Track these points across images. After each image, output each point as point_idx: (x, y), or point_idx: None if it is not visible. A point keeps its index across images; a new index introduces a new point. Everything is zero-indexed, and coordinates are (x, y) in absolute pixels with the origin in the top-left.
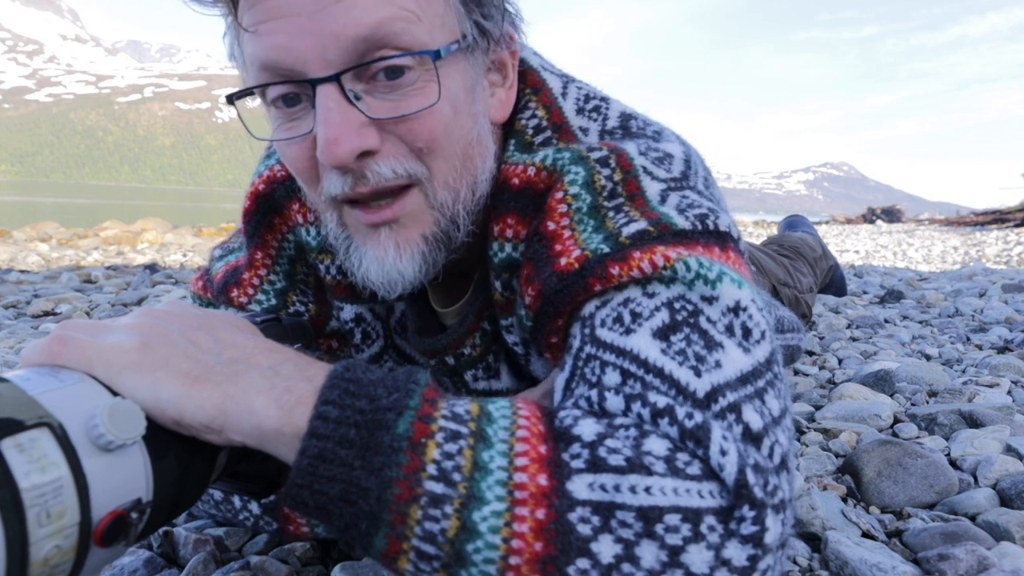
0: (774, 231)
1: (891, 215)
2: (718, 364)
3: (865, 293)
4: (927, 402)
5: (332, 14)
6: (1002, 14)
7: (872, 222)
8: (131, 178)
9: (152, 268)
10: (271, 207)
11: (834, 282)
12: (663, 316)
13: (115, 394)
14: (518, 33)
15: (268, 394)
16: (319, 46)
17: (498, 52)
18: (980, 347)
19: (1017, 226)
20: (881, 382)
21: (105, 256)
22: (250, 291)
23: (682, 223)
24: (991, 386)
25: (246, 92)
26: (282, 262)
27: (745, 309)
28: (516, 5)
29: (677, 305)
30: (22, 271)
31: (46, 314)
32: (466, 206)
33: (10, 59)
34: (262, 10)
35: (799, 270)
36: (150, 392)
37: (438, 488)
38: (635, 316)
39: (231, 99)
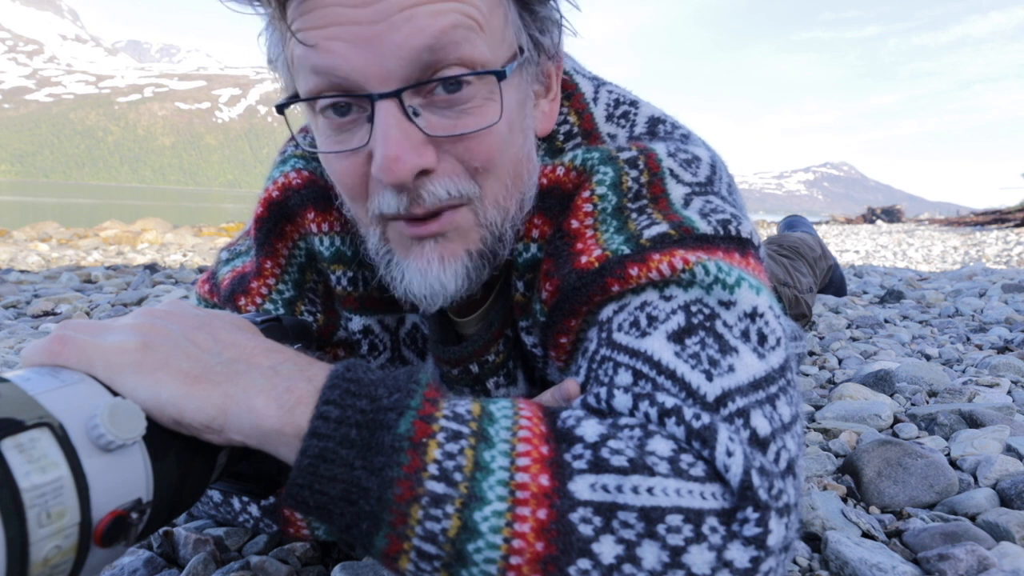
0: (774, 231)
1: (891, 215)
2: (731, 368)
3: (865, 293)
4: (927, 402)
5: (395, 24)
6: (1005, 13)
7: (872, 222)
8: (131, 178)
9: (152, 268)
10: (284, 215)
11: (834, 282)
12: (679, 319)
13: (115, 394)
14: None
15: (268, 394)
16: (380, 58)
17: (546, 64)
18: (980, 347)
19: (1017, 226)
20: (881, 382)
21: (105, 256)
22: (258, 300)
23: (704, 227)
24: (991, 386)
25: (296, 99)
26: (291, 271)
27: (762, 315)
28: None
29: (694, 308)
30: (22, 271)
31: (46, 314)
32: (513, 224)
33: (10, 59)
34: (317, 17)
35: (799, 270)
36: (150, 392)
37: (439, 488)
38: (651, 319)
39: (280, 109)
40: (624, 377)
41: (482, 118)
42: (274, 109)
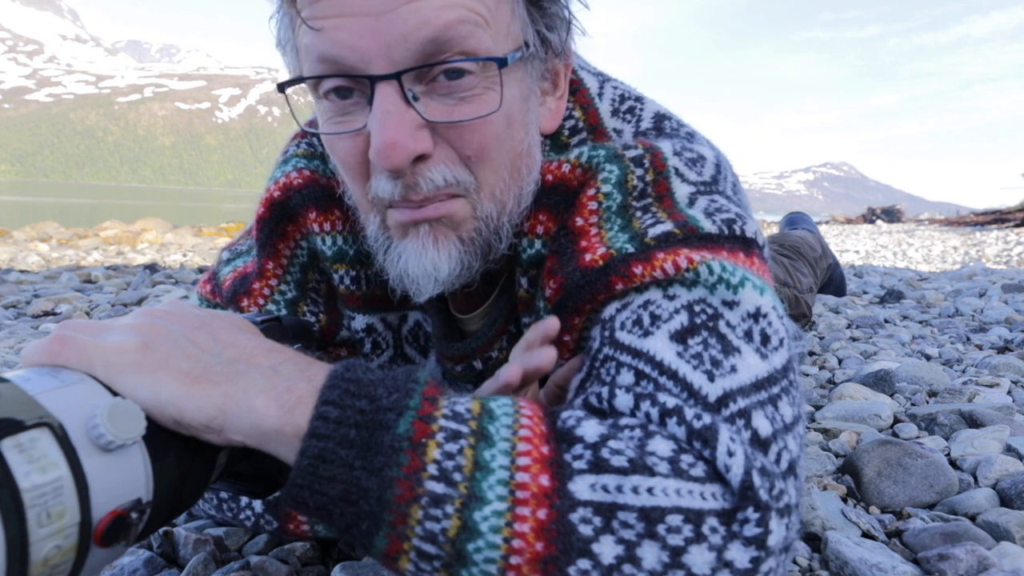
0: (774, 231)
1: (891, 215)
2: (733, 369)
3: (865, 293)
4: (927, 402)
5: (401, 15)
6: (1005, 13)
7: (872, 222)
8: (131, 178)
9: (152, 268)
10: (285, 215)
11: (834, 281)
12: (682, 319)
13: (115, 394)
14: (573, 43)
15: (268, 394)
16: (385, 47)
17: (554, 62)
18: (980, 347)
19: (1017, 226)
20: (881, 382)
21: (105, 256)
22: (260, 301)
23: (708, 227)
24: (991, 386)
25: (298, 80)
26: (293, 271)
27: (765, 315)
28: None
29: (697, 308)
30: (22, 271)
31: (46, 314)
32: (511, 218)
33: (10, 59)
34: (326, 6)
35: (799, 270)
36: (150, 392)
37: (439, 488)
38: (654, 318)
39: (281, 88)
40: (626, 377)
41: (481, 106)
42: (276, 88)
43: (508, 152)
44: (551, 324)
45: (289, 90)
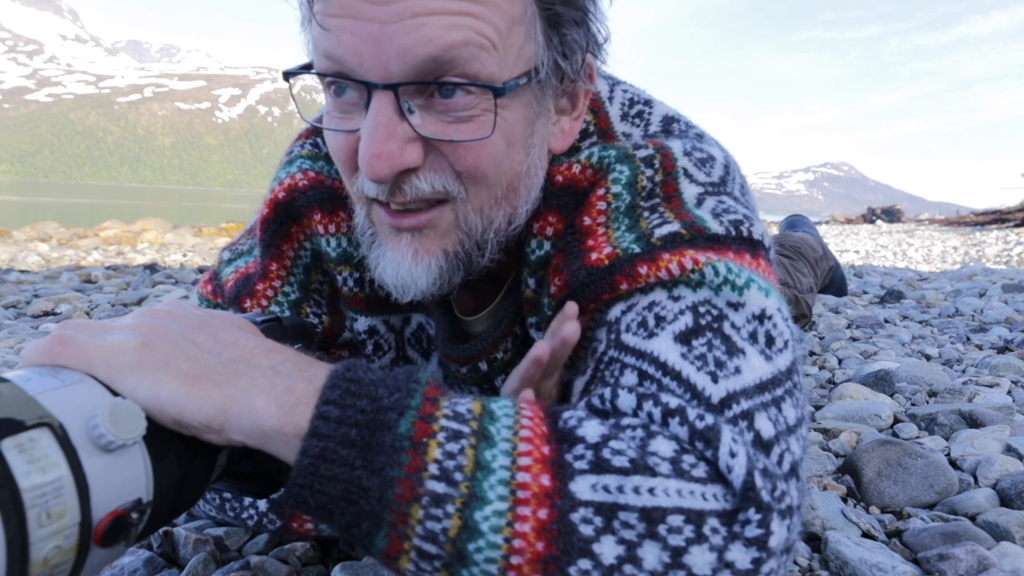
0: (774, 231)
1: (891, 215)
2: (737, 370)
3: (865, 293)
4: (927, 402)
5: (405, 28)
6: (1006, 13)
7: (872, 222)
8: (131, 178)
9: (152, 268)
10: (290, 216)
11: (834, 282)
12: (687, 320)
13: (115, 394)
14: (597, 64)
15: (269, 394)
16: (384, 58)
17: (574, 85)
18: (980, 347)
19: (1017, 226)
20: (881, 382)
21: (105, 256)
22: (264, 302)
23: (716, 227)
24: (991, 386)
25: (303, 71)
26: (297, 272)
27: (770, 317)
28: (603, 39)
29: (702, 309)
30: (22, 271)
31: (46, 314)
32: (498, 235)
33: (10, 59)
34: (337, 5)
35: (799, 270)
36: (150, 392)
37: (440, 488)
38: (659, 319)
39: (287, 75)
40: (630, 378)
41: (477, 128)
42: (282, 76)
43: (505, 173)
44: (571, 308)
45: (298, 87)
